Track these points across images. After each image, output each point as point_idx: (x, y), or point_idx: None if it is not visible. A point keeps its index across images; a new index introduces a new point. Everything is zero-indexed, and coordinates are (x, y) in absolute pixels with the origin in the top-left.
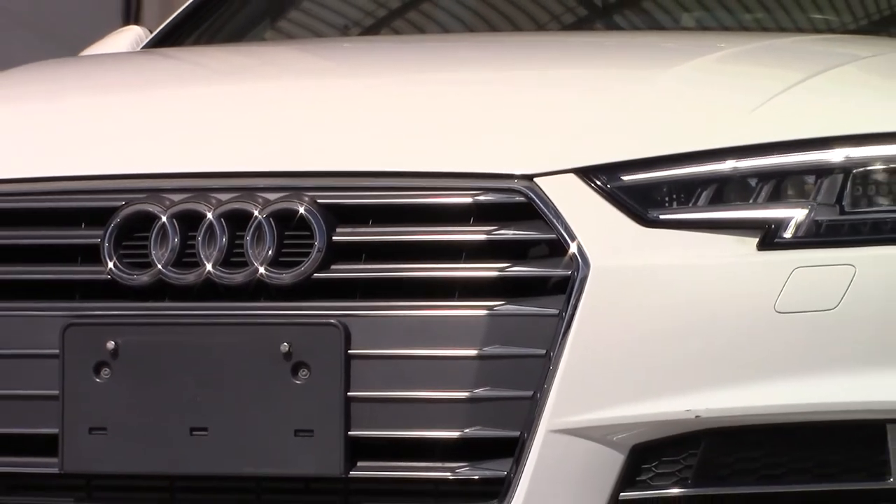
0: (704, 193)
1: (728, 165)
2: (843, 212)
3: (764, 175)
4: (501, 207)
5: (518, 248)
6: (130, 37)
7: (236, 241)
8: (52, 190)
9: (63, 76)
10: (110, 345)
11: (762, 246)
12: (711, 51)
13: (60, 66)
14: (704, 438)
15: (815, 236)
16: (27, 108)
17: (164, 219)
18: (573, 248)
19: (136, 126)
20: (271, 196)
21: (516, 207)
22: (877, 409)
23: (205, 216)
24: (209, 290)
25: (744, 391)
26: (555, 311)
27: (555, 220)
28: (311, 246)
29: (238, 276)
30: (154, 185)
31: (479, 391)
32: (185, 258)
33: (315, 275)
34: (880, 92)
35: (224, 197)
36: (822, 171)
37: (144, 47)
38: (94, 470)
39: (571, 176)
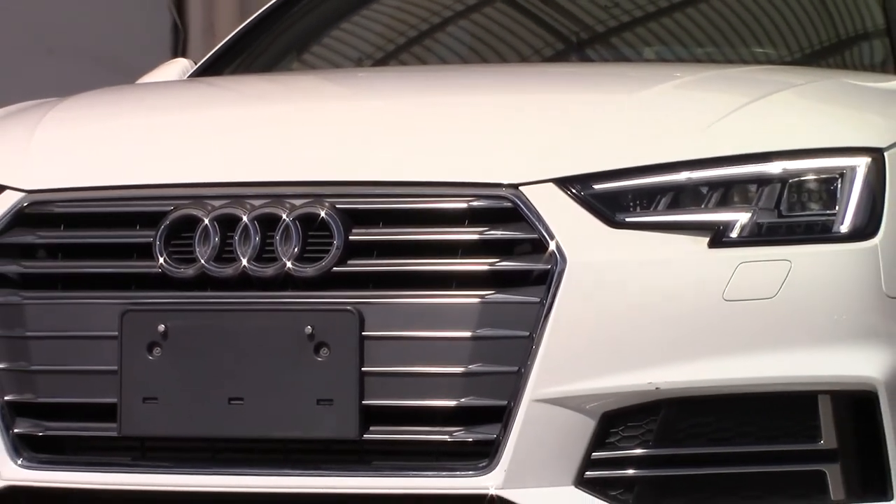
0: (663, 200)
1: (683, 176)
2: (780, 215)
3: (714, 184)
4: (491, 211)
5: (505, 246)
6: (179, 67)
7: (267, 240)
8: (111, 197)
9: (123, 100)
10: (161, 328)
11: (712, 244)
12: (669, 79)
13: (120, 92)
14: (663, 407)
15: (757, 236)
16: (93, 127)
17: (206, 221)
18: (552, 246)
19: (183, 142)
20: (297, 202)
21: (504, 211)
22: (808, 382)
23: (241, 219)
24: (244, 282)
25: (697, 366)
26: (537, 300)
27: (536, 222)
28: (331, 244)
29: (269, 270)
30: (197, 193)
31: (472, 367)
32: (224, 255)
33: (334, 268)
34: (812, 114)
35: (257, 203)
36: (762, 180)
37: (190, 76)
38: (147, 433)
39: (551, 185)
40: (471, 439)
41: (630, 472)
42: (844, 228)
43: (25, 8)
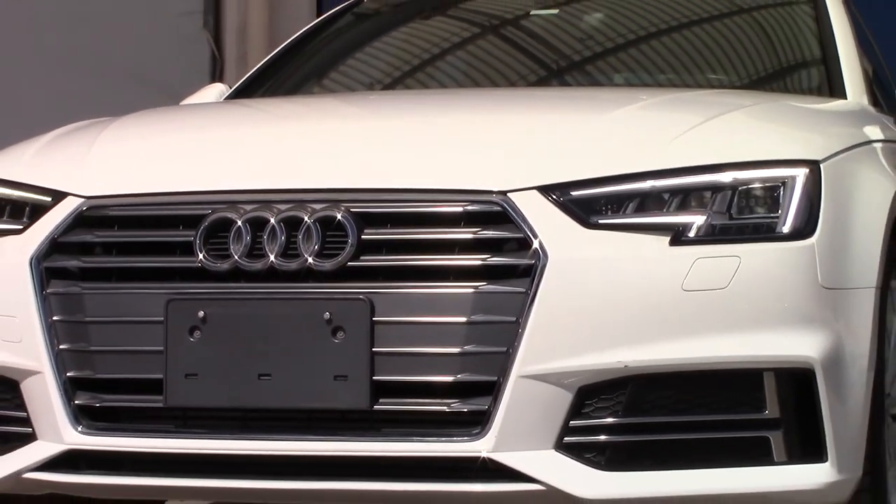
0: (631, 204)
1: (648, 184)
2: (731, 218)
3: (674, 191)
4: (483, 214)
5: (496, 244)
6: (216, 91)
7: (292, 239)
8: (158, 202)
9: (168, 119)
10: (200, 314)
11: (672, 242)
12: (636, 101)
13: (166, 112)
14: (631, 382)
15: (711, 235)
16: (143, 141)
17: (239, 223)
18: (535, 244)
19: (220, 155)
20: (317, 206)
21: (494, 214)
22: (755, 360)
23: (269, 221)
24: (272, 275)
25: (660, 347)
26: (522, 290)
27: (522, 224)
28: (346, 242)
29: (293, 264)
30: (232, 199)
31: (467, 347)
32: (255, 251)
33: (349, 263)
34: (758, 131)
35: (282, 207)
36: (716, 188)
37: (226, 98)
38: (189, 404)
39: (534, 192)
40: (466, 410)
41: (602, 437)
42: (786, 229)
43: (86, 41)
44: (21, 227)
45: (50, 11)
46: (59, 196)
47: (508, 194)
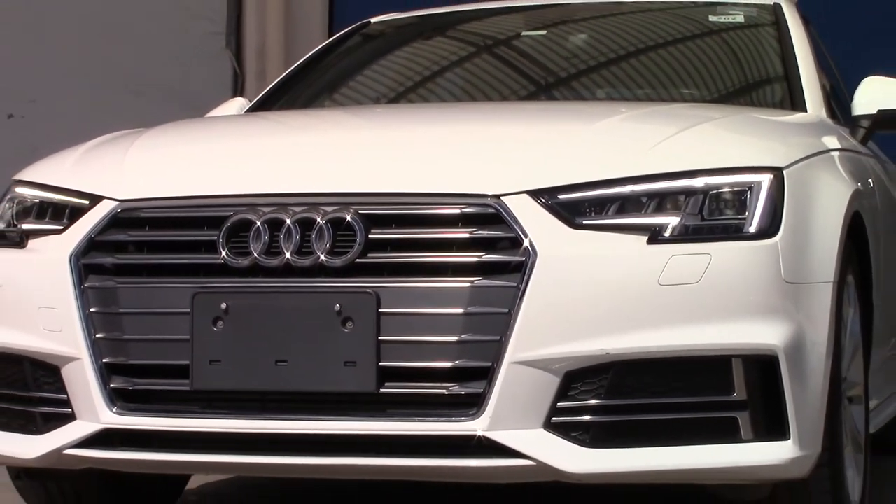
0: (612, 207)
1: (628, 188)
2: (703, 219)
3: (651, 195)
4: (479, 216)
5: (490, 243)
6: (237, 104)
7: (305, 238)
8: (185, 205)
9: (194, 130)
10: (223, 306)
11: (650, 241)
12: (617, 113)
13: (192, 123)
14: (612, 368)
15: (685, 235)
16: (171, 150)
17: (258, 224)
18: (526, 243)
19: (240, 162)
20: (328, 208)
21: (489, 216)
22: (724, 348)
23: (285, 222)
24: (288, 270)
25: (638, 336)
26: (514, 284)
27: (514, 225)
28: (355, 241)
29: (307, 261)
30: (251, 202)
31: (464, 336)
32: (272, 249)
33: (357, 260)
34: (727, 141)
35: (297, 209)
36: (689, 192)
37: (247, 111)
38: (213, 388)
39: (525, 195)
40: (463, 392)
41: (587, 418)
42: (752, 229)
43: (121, 59)
44: (62, 227)
45: (92, 34)
46: (95, 199)
47: (501, 198)
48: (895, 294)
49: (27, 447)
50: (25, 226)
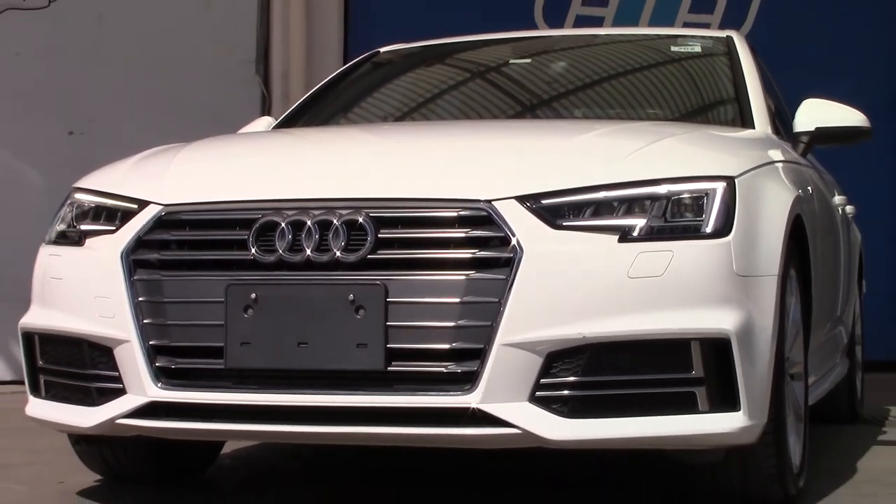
0: (588, 210)
1: (602, 195)
2: (666, 221)
3: (622, 200)
4: (473, 218)
5: (483, 241)
6: (265, 122)
7: (323, 237)
8: (220, 208)
9: (228, 144)
10: (253, 296)
11: (621, 240)
12: (592, 130)
13: (226, 138)
14: (588, 349)
15: (651, 235)
16: (209, 161)
17: (283, 225)
18: (514, 241)
19: (268, 171)
20: (343, 212)
21: (482, 218)
22: (684, 332)
23: (306, 223)
24: (308, 265)
25: (611, 322)
26: (503, 277)
27: (503, 226)
28: (366, 240)
29: (325, 257)
30: (277, 206)
31: (460, 322)
32: (295, 247)
33: (368, 256)
34: (687, 153)
35: (316, 212)
36: (654, 197)
37: (273, 128)
38: (244, 366)
39: (513, 200)
40: (459, 370)
41: (566, 392)
42: (709, 230)
43: (166, 85)
44: (114, 228)
45: (143, 63)
46: (143, 204)
47: (492, 202)
48: (830, 286)
49: (85, 417)
50: (83, 227)
